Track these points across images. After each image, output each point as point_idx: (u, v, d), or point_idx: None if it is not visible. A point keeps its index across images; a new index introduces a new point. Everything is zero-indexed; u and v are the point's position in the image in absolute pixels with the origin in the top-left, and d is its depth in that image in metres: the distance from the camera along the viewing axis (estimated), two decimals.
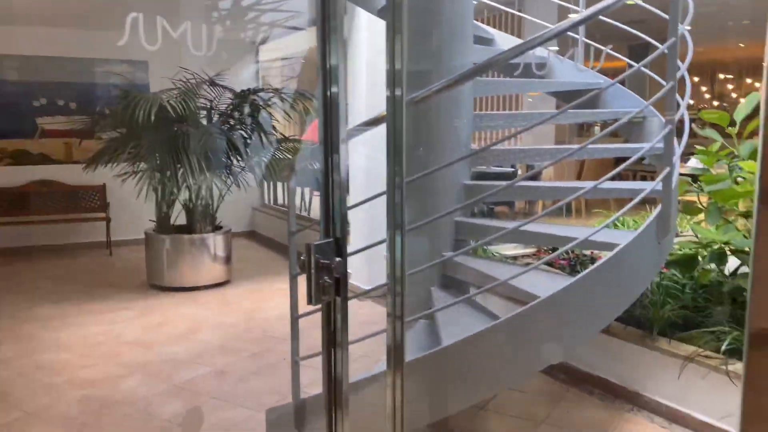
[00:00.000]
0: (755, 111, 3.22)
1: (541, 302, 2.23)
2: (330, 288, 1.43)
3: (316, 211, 7.49)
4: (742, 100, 12.09)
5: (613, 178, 2.48)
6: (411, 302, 3.27)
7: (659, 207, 2.48)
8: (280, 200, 8.40)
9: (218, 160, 5.13)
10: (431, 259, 3.03)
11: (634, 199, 2.47)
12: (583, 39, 3.79)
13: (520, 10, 6.31)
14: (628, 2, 3.02)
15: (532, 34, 2.42)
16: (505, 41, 3.96)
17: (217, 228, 5.67)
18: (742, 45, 11.24)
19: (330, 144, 1.43)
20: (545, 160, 3.17)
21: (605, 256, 2.33)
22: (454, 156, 2.98)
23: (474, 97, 3.22)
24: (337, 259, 1.41)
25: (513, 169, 6.39)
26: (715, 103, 11.75)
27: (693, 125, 3.37)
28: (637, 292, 2.52)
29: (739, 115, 3.14)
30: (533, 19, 5.00)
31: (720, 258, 2.85)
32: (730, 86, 12.04)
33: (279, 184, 8.27)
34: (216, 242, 5.53)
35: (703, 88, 11.99)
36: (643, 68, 3.04)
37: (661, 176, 2.41)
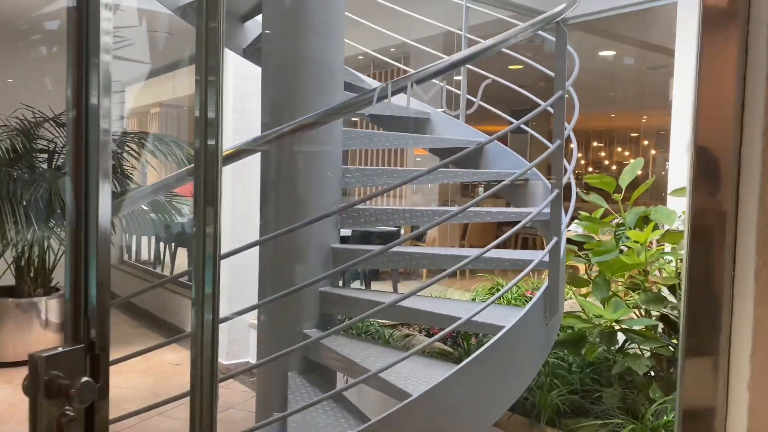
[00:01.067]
0: (637, 178, 3.08)
1: (416, 400, 1.80)
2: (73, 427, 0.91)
3: (180, 267, 6.79)
4: (614, 167, 12.85)
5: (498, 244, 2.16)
6: (263, 393, 2.75)
7: (546, 283, 2.16)
8: (144, 256, 7.59)
9: (54, 211, 4.38)
10: (291, 339, 2.54)
11: (520, 266, 2.16)
12: (466, 95, 3.57)
13: (406, 65, 6.16)
14: (512, 67, 2.83)
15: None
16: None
17: (52, 290, 4.83)
18: (613, 115, 11.96)
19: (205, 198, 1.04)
20: (423, 222, 2.81)
21: (490, 336, 1.97)
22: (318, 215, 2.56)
23: (347, 152, 2.83)
24: (85, 379, 0.90)
25: (396, 229, 6.07)
26: (590, 170, 12.32)
27: (578, 190, 3.18)
28: (528, 380, 2.16)
29: (624, 180, 2.97)
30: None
31: (610, 338, 2.58)
32: (602, 153, 12.71)
33: (145, 240, 7.48)
34: (49, 307, 4.69)
35: (579, 155, 12.56)
36: (525, 128, 2.81)
37: (548, 247, 2.10)
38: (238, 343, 4.81)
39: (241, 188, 4.67)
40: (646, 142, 12.24)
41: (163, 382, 4.36)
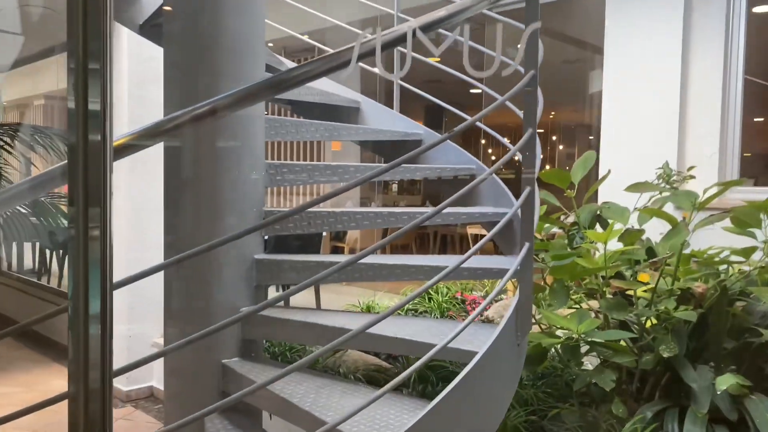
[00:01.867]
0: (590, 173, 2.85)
1: None
2: None
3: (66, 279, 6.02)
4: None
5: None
6: None
7: (516, 296, 1.84)
8: (28, 265, 6.72)
9: None
10: (210, 371, 2.09)
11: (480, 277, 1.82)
12: (399, 82, 3.22)
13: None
14: (431, 59, 2.56)
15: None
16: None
17: None
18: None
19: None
20: (365, 226, 2.42)
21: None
22: (242, 221, 2.12)
23: (267, 144, 2.40)
24: None
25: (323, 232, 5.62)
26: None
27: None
28: (500, 415, 1.83)
29: (576, 175, 2.72)
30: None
31: (574, 352, 2.31)
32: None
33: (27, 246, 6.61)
34: None
35: (489, 151, 12.61)
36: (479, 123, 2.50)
37: (521, 254, 1.78)
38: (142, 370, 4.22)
39: (144, 184, 4.10)
40: (554, 138, 12.46)
41: (48, 417, 3.72)
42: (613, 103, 4.37)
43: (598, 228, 2.78)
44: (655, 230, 2.78)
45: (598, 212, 2.76)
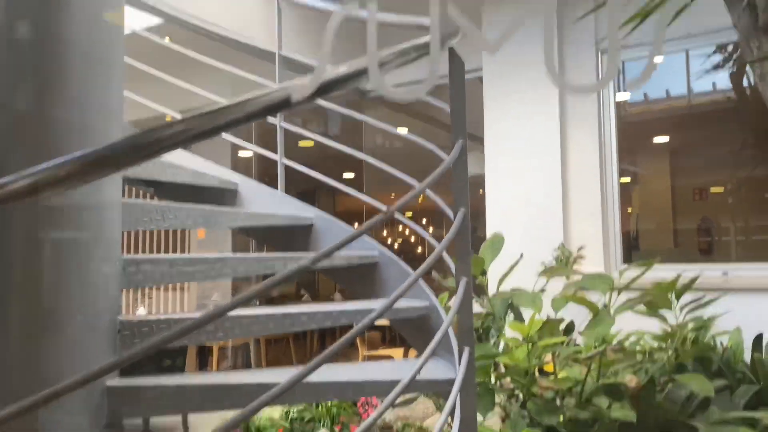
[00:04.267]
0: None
1: None
2: None
3: None
4: (396, 247, 12.98)
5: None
6: None
7: (457, 412, 1.47)
8: None
9: None
10: None
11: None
12: (283, 161, 2.86)
13: None
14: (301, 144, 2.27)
15: None
16: (188, 161, 2.80)
17: None
18: (392, 195, 12.16)
19: None
20: (235, 335, 1.94)
21: None
22: (90, 333, 1.58)
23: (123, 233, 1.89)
24: None
25: None
26: None
27: (435, 274, 2.62)
28: None
29: (487, 260, 2.48)
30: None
31: None
32: (383, 233, 12.80)
33: None
34: None
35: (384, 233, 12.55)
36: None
37: (464, 360, 1.43)
38: None
39: None
40: (424, 221, 12.63)
41: None
42: (495, 186, 4.31)
43: (510, 316, 2.53)
44: (565, 314, 2.59)
45: (510, 301, 2.52)
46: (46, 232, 1.51)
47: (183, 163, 2.59)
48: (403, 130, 7.09)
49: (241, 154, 7.18)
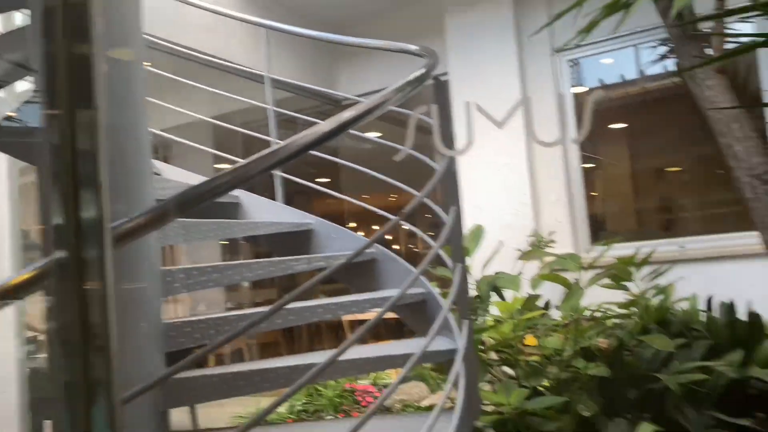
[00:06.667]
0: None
1: None
2: None
3: None
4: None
5: None
6: None
7: (463, 381, 1.78)
8: None
9: None
10: None
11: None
12: (281, 173, 3.14)
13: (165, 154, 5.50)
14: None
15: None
16: (172, 172, 3.06)
17: None
18: (366, 196, 12.44)
19: None
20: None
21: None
22: (146, 344, 1.85)
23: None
24: None
25: None
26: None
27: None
28: None
29: (471, 249, 2.79)
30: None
31: (507, 427, 2.28)
32: (360, 233, 13.06)
33: None
34: None
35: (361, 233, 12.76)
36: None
37: (464, 333, 1.74)
38: None
39: None
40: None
41: None
42: (470, 180, 4.64)
43: (495, 297, 2.85)
44: (542, 292, 2.92)
45: (493, 283, 2.84)
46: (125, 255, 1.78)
47: (177, 178, 2.87)
48: (374, 135, 7.38)
49: (216, 165, 7.38)
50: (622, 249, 3.52)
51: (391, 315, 3.05)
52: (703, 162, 5.41)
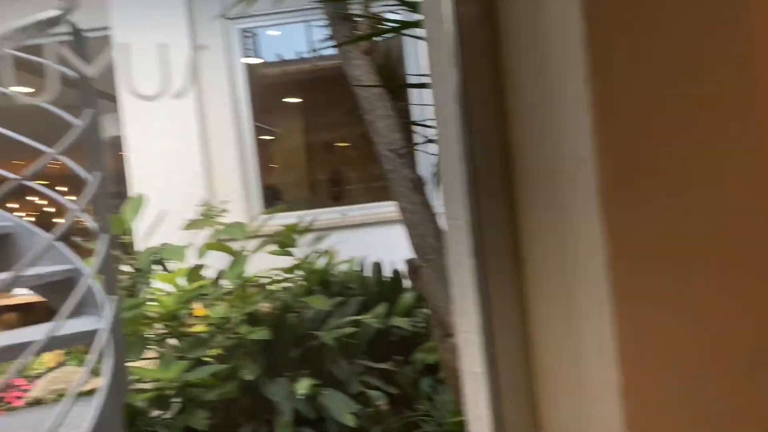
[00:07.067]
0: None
1: None
2: None
3: None
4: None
5: None
6: None
7: (111, 364, 1.63)
8: None
9: None
10: None
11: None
12: None
13: None
14: None
15: None
16: None
17: None
18: (22, 162, 10.71)
19: None
20: None
21: None
22: None
23: None
24: None
25: None
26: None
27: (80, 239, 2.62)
28: None
29: (130, 218, 2.60)
30: None
31: (162, 402, 2.19)
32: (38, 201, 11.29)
33: None
34: None
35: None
36: None
37: (108, 312, 1.60)
38: None
39: None
40: (66, 189, 11.50)
41: None
42: (137, 147, 4.33)
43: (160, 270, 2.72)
44: (214, 262, 2.89)
45: (158, 255, 2.70)
46: None
47: None
48: (27, 90, 6.40)
49: None
50: (290, 218, 3.69)
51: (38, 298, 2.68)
52: (365, 138, 5.98)
